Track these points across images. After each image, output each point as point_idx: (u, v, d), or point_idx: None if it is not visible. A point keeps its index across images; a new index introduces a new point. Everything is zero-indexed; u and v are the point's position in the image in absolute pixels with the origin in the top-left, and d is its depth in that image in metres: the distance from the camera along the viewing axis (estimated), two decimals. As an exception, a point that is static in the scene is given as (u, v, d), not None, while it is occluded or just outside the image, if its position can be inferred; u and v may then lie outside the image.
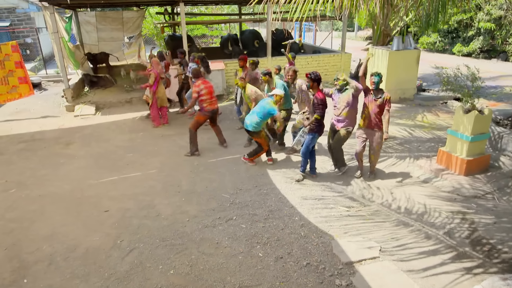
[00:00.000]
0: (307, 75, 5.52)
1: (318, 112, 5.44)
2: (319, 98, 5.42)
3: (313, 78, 5.48)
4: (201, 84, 6.59)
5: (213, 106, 6.76)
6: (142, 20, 13.74)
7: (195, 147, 6.80)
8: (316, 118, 5.47)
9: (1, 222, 4.87)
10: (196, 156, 6.75)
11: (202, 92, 6.55)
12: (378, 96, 5.43)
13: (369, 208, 5.04)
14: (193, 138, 6.76)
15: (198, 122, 6.76)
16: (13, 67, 9.08)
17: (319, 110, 5.44)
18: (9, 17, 18.33)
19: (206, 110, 6.70)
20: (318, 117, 5.45)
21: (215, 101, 6.80)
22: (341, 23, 21.27)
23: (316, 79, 5.48)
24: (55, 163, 6.69)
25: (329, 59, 11.80)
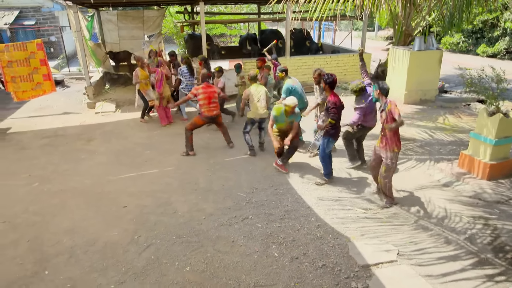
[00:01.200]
0: (322, 75, 5.45)
1: (332, 116, 5.30)
2: (332, 102, 5.28)
3: (325, 80, 5.34)
4: (201, 88, 6.59)
5: (211, 112, 6.65)
6: (162, 19, 13.89)
7: (190, 148, 6.79)
8: (330, 122, 5.36)
9: (25, 215, 5.02)
10: (192, 156, 6.76)
11: (199, 97, 6.56)
12: (382, 109, 4.80)
13: (387, 211, 4.96)
14: (188, 139, 6.75)
15: (195, 124, 6.79)
16: (38, 64, 9.34)
17: (333, 114, 5.29)
18: (35, 16, 18.86)
19: (203, 116, 6.71)
20: (332, 122, 5.33)
21: (214, 107, 6.67)
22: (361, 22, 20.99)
23: (329, 82, 5.31)
24: (77, 158, 6.85)
25: (348, 59, 11.67)
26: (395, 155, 4.80)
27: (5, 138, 8.08)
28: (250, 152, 6.72)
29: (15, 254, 4.22)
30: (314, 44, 12.93)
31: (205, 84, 6.66)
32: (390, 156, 4.79)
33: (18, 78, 9.09)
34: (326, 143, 5.51)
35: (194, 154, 6.80)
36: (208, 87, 6.65)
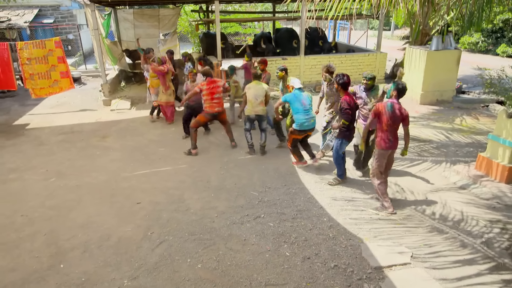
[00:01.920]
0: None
1: (345, 117, 5.22)
2: (346, 102, 5.19)
3: (337, 81, 5.24)
4: (205, 84, 6.57)
5: (213, 109, 6.62)
6: (177, 18, 13.99)
7: (193, 146, 6.79)
8: (343, 123, 5.28)
9: (41, 209, 5.13)
10: (194, 156, 6.76)
11: (204, 93, 6.58)
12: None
13: (401, 212, 4.89)
14: (192, 136, 6.77)
15: (198, 121, 6.80)
16: (56, 62, 9.51)
17: (346, 115, 5.20)
18: (53, 14, 19.25)
19: (206, 112, 6.71)
20: (345, 123, 5.25)
21: (217, 103, 6.62)
22: (377, 21, 20.70)
23: (341, 83, 5.21)
24: (92, 154, 6.97)
25: (363, 59, 11.54)
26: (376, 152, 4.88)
27: (24, 133, 8.27)
28: (249, 150, 6.69)
29: (32, 247, 4.32)
30: (327, 44, 12.82)
31: (209, 79, 6.63)
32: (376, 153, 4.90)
33: (36, 76, 9.28)
34: (340, 145, 5.45)
35: (196, 154, 6.76)
36: (212, 83, 6.57)
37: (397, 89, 4.75)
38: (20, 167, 6.47)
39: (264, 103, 6.51)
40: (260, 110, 6.48)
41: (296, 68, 11.08)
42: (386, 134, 4.76)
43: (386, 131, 4.75)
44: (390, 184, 5.62)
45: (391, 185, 5.59)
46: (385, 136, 4.77)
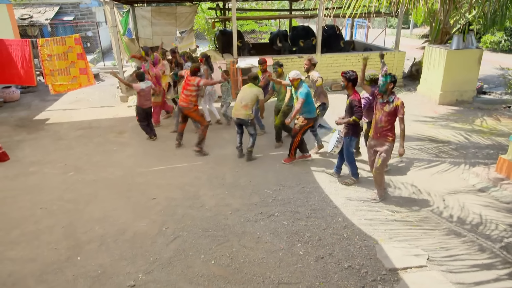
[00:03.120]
0: (342, 73, 5.32)
1: (358, 114, 5.14)
2: (357, 100, 5.15)
3: (347, 77, 5.18)
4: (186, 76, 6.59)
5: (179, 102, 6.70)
6: (194, 15, 14.08)
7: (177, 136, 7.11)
8: (354, 120, 5.18)
9: (60, 202, 5.25)
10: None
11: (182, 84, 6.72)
12: (385, 101, 4.77)
13: (418, 214, 4.81)
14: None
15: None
16: (75, 58, 9.69)
17: (359, 113, 5.15)
18: (73, 12, 19.63)
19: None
20: (357, 120, 5.16)
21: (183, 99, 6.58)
22: (395, 20, 20.34)
23: (351, 79, 5.16)
24: (109, 150, 7.08)
25: (381, 57, 11.36)
26: (391, 146, 4.88)
27: (44, 128, 8.47)
28: (238, 153, 6.55)
29: (50, 239, 4.42)
30: (348, 42, 12.65)
31: (188, 73, 6.62)
32: (386, 148, 4.86)
33: (56, 72, 9.47)
34: (349, 142, 5.38)
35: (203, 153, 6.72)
36: (188, 79, 6.54)
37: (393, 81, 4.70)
38: (40, 161, 6.63)
39: (248, 107, 6.16)
40: (241, 114, 6.17)
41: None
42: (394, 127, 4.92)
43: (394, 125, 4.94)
44: (406, 185, 5.56)
45: (408, 186, 5.51)
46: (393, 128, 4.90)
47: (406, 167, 6.12)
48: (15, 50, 9.22)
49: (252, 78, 6.35)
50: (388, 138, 4.83)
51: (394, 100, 4.70)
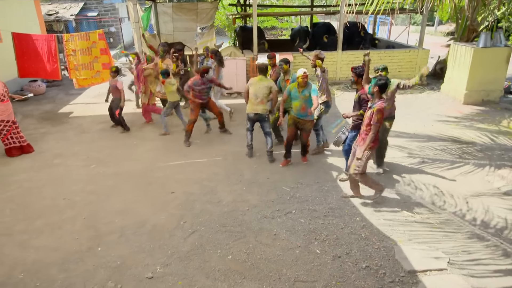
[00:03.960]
0: (352, 69, 5.24)
1: (365, 108, 5.02)
2: (367, 94, 5.02)
3: (357, 73, 5.17)
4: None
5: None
6: (215, 12, 14.11)
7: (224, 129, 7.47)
8: (361, 114, 5.07)
9: (82, 193, 5.38)
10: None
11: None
12: (369, 105, 4.69)
13: (439, 216, 4.70)
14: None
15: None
16: (98, 53, 9.90)
17: (366, 106, 5.03)
18: (97, 8, 20.03)
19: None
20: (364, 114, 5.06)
21: None
22: (419, 16, 19.85)
23: (361, 74, 5.15)
24: (130, 144, 7.21)
25: (404, 55, 11.12)
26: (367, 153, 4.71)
27: (68, 121, 8.69)
28: (248, 152, 6.46)
29: (73, 229, 4.55)
30: (369, 35, 12.39)
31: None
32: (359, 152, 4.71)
33: (80, 66, 9.69)
34: (353, 137, 5.25)
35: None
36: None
37: (380, 85, 4.51)
38: (64, 153, 6.82)
39: (264, 102, 6.03)
40: (259, 109, 6.03)
41: (333, 63, 10.88)
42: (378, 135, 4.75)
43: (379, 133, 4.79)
44: (428, 186, 5.43)
45: (429, 187, 5.39)
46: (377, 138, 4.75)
47: (428, 167, 5.98)
48: (42, 45, 9.49)
49: (261, 69, 6.14)
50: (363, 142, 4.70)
51: (376, 105, 4.50)
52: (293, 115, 5.80)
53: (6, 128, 6.51)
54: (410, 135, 7.31)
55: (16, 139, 6.67)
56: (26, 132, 7.38)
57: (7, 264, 3.96)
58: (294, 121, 5.84)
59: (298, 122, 5.83)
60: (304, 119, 5.75)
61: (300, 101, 5.64)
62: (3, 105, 6.39)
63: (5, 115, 6.44)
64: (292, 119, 5.84)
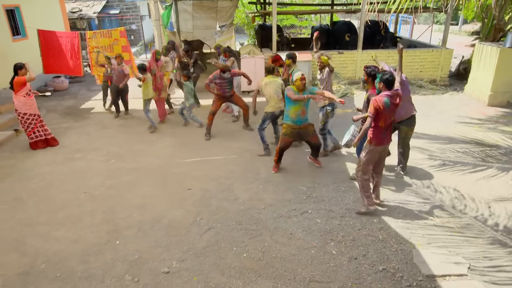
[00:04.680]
0: (364, 68, 5.13)
1: None
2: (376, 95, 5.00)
3: (368, 72, 5.03)
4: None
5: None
6: (235, 10, 14.15)
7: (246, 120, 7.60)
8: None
9: (102, 188, 5.50)
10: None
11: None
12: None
13: (460, 221, 4.58)
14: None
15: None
16: (120, 51, 10.05)
17: None
18: (119, 6, 20.38)
19: None
20: None
21: None
22: (443, 15, 19.37)
23: (372, 74, 5.00)
24: (149, 140, 7.32)
25: (426, 55, 10.87)
26: (367, 147, 4.56)
27: (89, 117, 8.89)
28: (265, 152, 6.47)
29: (92, 222, 4.65)
30: (390, 33, 12.15)
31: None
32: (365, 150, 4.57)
33: (102, 63, 9.89)
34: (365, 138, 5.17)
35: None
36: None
37: (385, 80, 4.39)
38: (85, 148, 6.98)
39: (283, 99, 6.08)
40: (283, 106, 6.08)
41: (352, 62, 10.75)
42: (381, 130, 4.49)
43: (382, 127, 4.48)
44: (448, 189, 5.31)
45: (450, 190, 5.26)
46: (379, 132, 4.49)
47: (448, 170, 5.84)
48: (65, 42, 9.73)
49: (269, 70, 6.35)
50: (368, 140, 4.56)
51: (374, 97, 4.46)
52: (292, 124, 5.46)
53: (33, 122, 6.72)
54: (431, 136, 7.16)
55: (42, 132, 6.89)
56: (50, 127, 7.56)
57: (30, 254, 4.09)
58: (292, 131, 5.52)
59: (299, 130, 5.53)
60: (305, 124, 5.50)
61: (300, 105, 5.35)
62: (30, 100, 6.61)
63: (32, 109, 6.67)
64: (291, 128, 5.50)
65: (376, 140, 4.50)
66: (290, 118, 5.47)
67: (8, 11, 10.17)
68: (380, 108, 4.31)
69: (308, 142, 5.76)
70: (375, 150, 4.55)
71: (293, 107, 5.38)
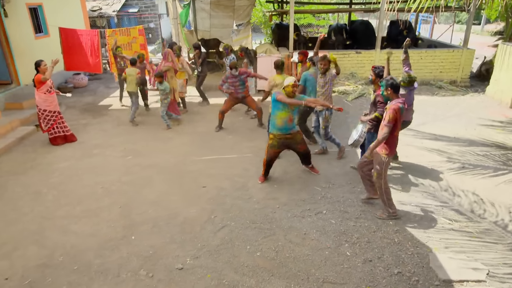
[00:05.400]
0: (372, 68, 5.06)
1: (380, 110, 4.95)
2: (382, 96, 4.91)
3: (376, 72, 5.00)
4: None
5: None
6: (252, 8, 14.14)
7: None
8: (376, 117, 4.97)
9: (118, 183, 5.58)
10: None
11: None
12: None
13: (479, 225, 4.47)
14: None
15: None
16: (138, 49, 10.22)
17: (381, 109, 4.95)
18: (138, 4, 20.64)
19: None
20: (379, 116, 4.95)
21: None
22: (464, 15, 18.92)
23: (379, 74, 4.99)
24: (165, 137, 7.39)
25: (447, 55, 10.63)
26: (384, 160, 4.35)
27: (107, 113, 9.04)
28: None
29: (109, 217, 4.73)
30: (410, 35, 11.92)
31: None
32: (379, 160, 4.38)
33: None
34: (371, 138, 5.12)
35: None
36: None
37: (391, 85, 4.27)
38: (102, 144, 7.10)
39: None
40: None
41: (370, 62, 10.60)
42: (396, 140, 4.39)
43: (397, 136, 4.37)
44: (467, 193, 5.19)
45: (468, 194, 5.14)
46: (394, 142, 4.37)
47: (468, 174, 5.71)
48: (85, 40, 9.92)
49: (277, 65, 6.29)
50: (381, 150, 4.34)
51: (391, 104, 4.25)
52: (278, 133, 5.12)
53: (52, 118, 6.88)
54: (450, 138, 7.01)
55: (60, 128, 7.04)
56: (69, 123, 7.73)
57: (49, 247, 4.19)
58: (279, 141, 5.19)
59: (286, 140, 5.20)
60: (292, 132, 5.21)
61: (288, 111, 5.03)
62: (50, 97, 6.76)
63: (52, 106, 6.82)
64: (277, 138, 5.16)
65: (392, 151, 4.40)
66: (276, 127, 5.10)
67: (31, 9, 10.43)
68: (398, 117, 4.19)
69: (296, 151, 5.43)
70: (390, 161, 4.49)
71: (279, 113, 5.01)
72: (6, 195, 5.33)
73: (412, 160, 6.09)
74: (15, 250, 4.14)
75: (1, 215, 4.83)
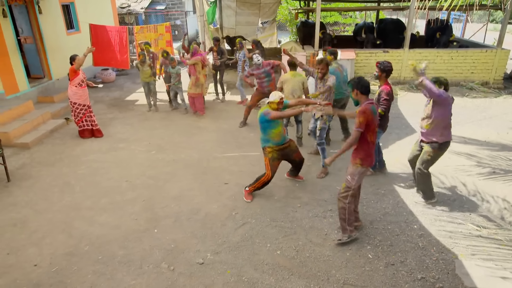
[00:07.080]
0: (377, 64, 4.90)
1: (383, 107, 4.84)
2: (386, 92, 4.85)
3: (382, 68, 4.86)
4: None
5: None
6: (278, 6, 14.07)
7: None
8: (379, 114, 4.76)
9: (142, 177, 5.70)
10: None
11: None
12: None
13: (509, 233, 4.29)
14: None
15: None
16: (164, 45, 10.39)
17: (384, 106, 4.85)
18: (165, 1, 20.94)
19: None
20: (382, 113, 4.84)
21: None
22: (499, 13, 18.21)
23: (385, 70, 4.85)
24: (188, 133, 7.49)
25: (479, 55, 10.23)
26: (357, 171, 3.88)
27: (133, 108, 9.24)
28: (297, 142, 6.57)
29: (133, 210, 4.84)
30: (444, 37, 11.53)
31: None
32: (351, 171, 3.92)
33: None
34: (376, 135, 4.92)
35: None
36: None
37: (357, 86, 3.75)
38: (128, 138, 7.27)
39: (301, 97, 5.91)
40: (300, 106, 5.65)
41: (398, 62, 10.35)
42: (373, 147, 3.87)
43: (372, 142, 3.84)
44: (497, 199, 4.99)
45: (498, 200, 4.94)
46: (370, 149, 3.85)
47: (499, 179, 5.48)
48: (114, 36, 10.17)
49: (291, 65, 6.13)
50: (355, 160, 3.89)
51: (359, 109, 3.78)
52: (275, 146, 4.89)
53: (82, 112, 7.10)
54: (480, 142, 6.75)
55: (89, 122, 7.26)
56: (97, 117, 7.96)
57: (75, 236, 4.33)
58: (279, 153, 4.95)
59: (285, 149, 5.00)
60: (288, 141, 5.05)
61: (281, 124, 4.88)
62: (81, 90, 6.98)
63: (82, 99, 7.04)
64: (276, 150, 4.92)
65: (367, 160, 3.87)
66: (275, 142, 4.88)
67: (64, 6, 10.78)
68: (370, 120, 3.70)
69: (292, 160, 5.19)
70: (365, 172, 3.98)
71: (274, 130, 4.80)
72: (38, 185, 5.54)
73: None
74: (44, 238, 4.31)
75: (33, 204, 5.03)
